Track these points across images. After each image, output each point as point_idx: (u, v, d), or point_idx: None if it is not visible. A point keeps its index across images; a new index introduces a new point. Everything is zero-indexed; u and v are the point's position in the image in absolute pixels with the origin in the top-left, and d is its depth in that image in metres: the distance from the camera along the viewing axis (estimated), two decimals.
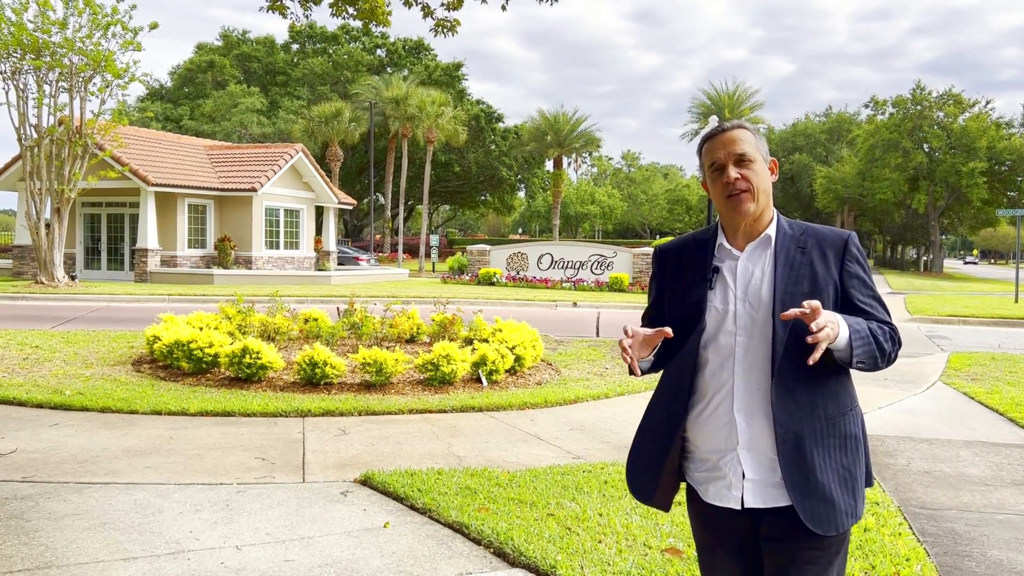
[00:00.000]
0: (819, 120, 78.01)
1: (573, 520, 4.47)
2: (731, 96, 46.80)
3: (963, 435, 6.90)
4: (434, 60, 57.67)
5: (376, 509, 4.69)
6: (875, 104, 60.44)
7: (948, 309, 20.90)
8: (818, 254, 2.17)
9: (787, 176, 74.61)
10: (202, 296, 20.01)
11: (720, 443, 2.16)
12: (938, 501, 5.05)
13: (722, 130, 2.23)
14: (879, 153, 56.35)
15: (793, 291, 2.11)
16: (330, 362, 8.15)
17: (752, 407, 2.12)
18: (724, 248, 2.22)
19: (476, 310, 12.05)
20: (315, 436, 6.39)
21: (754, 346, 2.13)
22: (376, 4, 8.13)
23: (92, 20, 20.48)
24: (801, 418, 2.09)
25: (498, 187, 61.10)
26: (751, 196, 2.16)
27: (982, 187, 51.79)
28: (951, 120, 54.82)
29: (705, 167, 2.25)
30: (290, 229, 29.95)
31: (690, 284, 2.24)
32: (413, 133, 41.39)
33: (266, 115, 50.98)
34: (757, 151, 2.20)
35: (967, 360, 11.31)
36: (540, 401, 7.88)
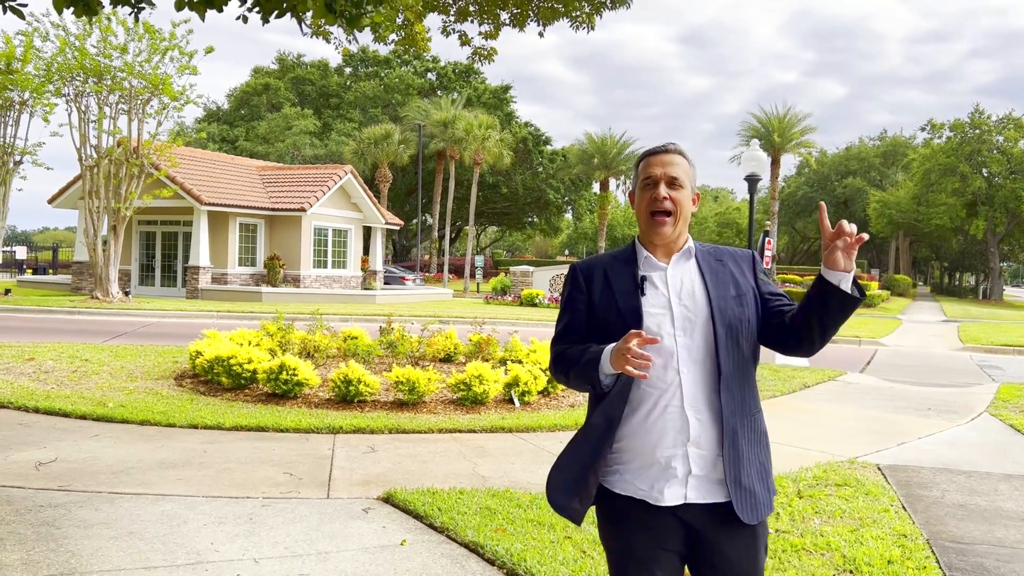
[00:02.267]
0: (873, 144, 76.74)
1: (590, 544, 4.45)
2: (781, 120, 46.26)
3: (1004, 468, 6.70)
4: (483, 83, 58.27)
5: (395, 527, 4.74)
6: (932, 127, 59.20)
7: (1003, 339, 20.30)
8: (734, 265, 2.38)
9: (840, 201, 73.40)
10: (250, 313, 20.42)
11: (671, 441, 2.20)
12: (970, 535, 4.90)
13: (664, 150, 2.36)
14: (935, 178, 55.16)
15: (723, 295, 2.29)
16: (364, 380, 8.25)
17: (699, 404, 2.21)
18: (650, 260, 2.34)
19: (513, 331, 12.10)
20: (344, 453, 6.47)
21: (696, 345, 2.23)
22: (415, 32, 8.30)
23: (151, 45, 21.21)
24: (737, 414, 2.24)
25: (545, 209, 61.28)
26: (673, 219, 2.30)
27: None
28: (1011, 144, 53.43)
29: (639, 180, 2.38)
30: (338, 249, 30.44)
31: (622, 295, 2.30)
32: (460, 155, 41.84)
33: (318, 137, 52.02)
34: (687, 179, 2.34)
35: (1018, 391, 10.97)
36: (571, 423, 7.85)
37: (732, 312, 2.27)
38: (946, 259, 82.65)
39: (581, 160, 51.69)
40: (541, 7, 7.76)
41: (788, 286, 38.81)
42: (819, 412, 8.96)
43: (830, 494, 5.64)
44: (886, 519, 5.09)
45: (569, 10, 7.85)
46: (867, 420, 8.79)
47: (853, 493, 5.68)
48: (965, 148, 54.26)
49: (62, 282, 30.07)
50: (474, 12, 7.92)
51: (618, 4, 8.04)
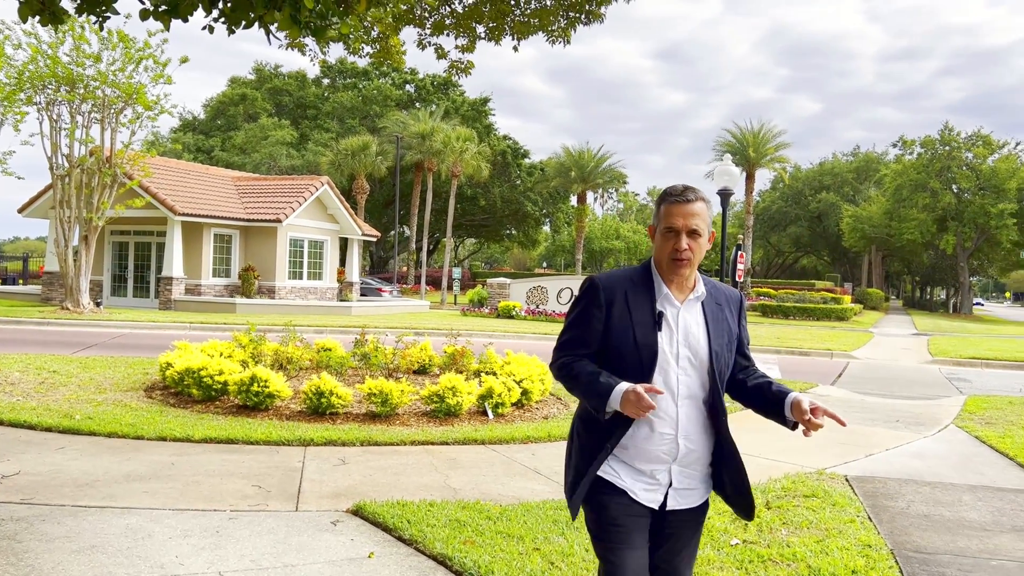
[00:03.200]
0: (847, 159, 77.78)
1: (558, 555, 4.46)
2: (756, 135, 46.78)
3: (968, 479, 6.79)
4: (461, 95, 58.40)
5: (364, 539, 4.72)
6: (903, 144, 60.17)
7: (971, 352, 20.60)
8: (728, 310, 2.71)
9: (814, 215, 74.24)
10: (223, 325, 20.25)
11: (659, 460, 2.59)
12: (933, 545, 4.97)
13: (686, 200, 2.59)
14: (907, 193, 55.98)
15: (721, 342, 2.63)
16: (336, 392, 8.21)
17: (691, 432, 2.59)
18: (668, 298, 2.61)
19: (488, 343, 12.10)
20: (314, 465, 6.43)
21: (694, 383, 2.59)
22: (391, 45, 8.32)
23: (125, 54, 21.07)
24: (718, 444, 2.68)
25: (523, 221, 61.40)
26: (691, 264, 2.59)
27: (1012, 228, 51.17)
28: (980, 161, 54.38)
29: (660, 224, 2.62)
30: (314, 260, 30.31)
31: (641, 325, 2.57)
32: (438, 167, 41.87)
33: (295, 148, 51.83)
34: (706, 226, 2.59)
35: (984, 403, 11.14)
36: (544, 435, 7.87)
37: (724, 358, 2.64)
38: (917, 273, 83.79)
39: (559, 173, 51.94)
40: (516, 21, 7.81)
41: (763, 299, 39.15)
42: None
43: (798, 505, 5.69)
44: (852, 529, 5.15)
45: (544, 24, 7.91)
46: (836, 432, 8.87)
47: (820, 504, 5.73)
48: (935, 164, 55.15)
49: (32, 292, 29.66)
50: (450, 26, 7.97)
51: (593, 19, 8.11)
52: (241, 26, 3.60)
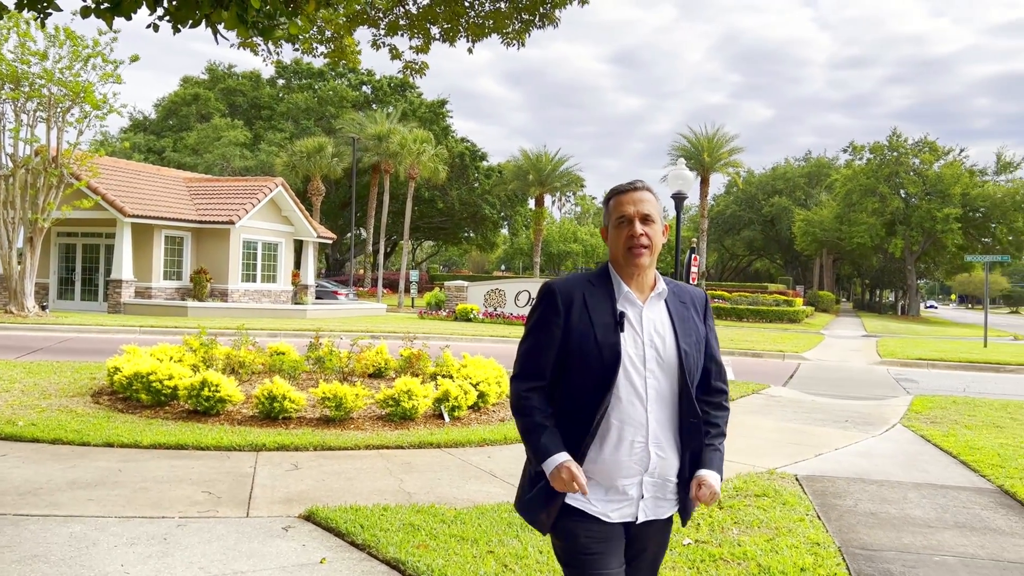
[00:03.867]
0: (799, 164, 79.18)
1: (512, 558, 4.46)
2: (710, 140, 47.39)
3: (914, 477, 6.95)
4: (419, 97, 58.19)
5: (316, 545, 4.66)
6: (853, 149, 61.53)
7: (918, 352, 21.11)
8: (693, 309, 2.59)
9: (767, 219, 75.44)
10: (174, 328, 19.88)
11: (630, 471, 2.43)
12: (879, 542, 5.07)
13: (633, 188, 2.52)
14: (856, 198, 57.23)
15: (689, 341, 2.50)
16: (289, 396, 8.11)
17: (662, 440, 2.45)
18: (629, 296, 2.48)
19: (445, 345, 12.06)
20: (266, 471, 6.35)
21: (663, 387, 2.45)
22: (345, 45, 8.25)
23: (73, 52, 20.57)
24: (692, 447, 2.53)
25: (481, 224, 61.38)
26: (649, 251, 2.47)
27: (957, 233, 52.61)
28: (926, 167, 55.84)
29: (611, 217, 2.53)
30: (268, 263, 29.92)
31: (601, 326, 2.43)
32: (395, 169, 41.66)
33: (249, 148, 51.15)
34: (658, 215, 2.51)
35: (929, 403, 11.42)
36: (500, 438, 7.86)
37: (693, 358, 2.49)
38: (867, 276, 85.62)
39: (516, 176, 52.04)
40: (471, 23, 7.81)
41: (717, 301, 39.65)
42: (742, 425, 9.15)
43: (749, 504, 5.76)
44: (801, 528, 5.23)
45: (499, 27, 7.92)
46: (788, 432, 9.03)
47: (771, 503, 5.82)
48: (884, 170, 56.50)
49: None
50: (404, 26, 7.93)
51: (548, 22, 8.14)
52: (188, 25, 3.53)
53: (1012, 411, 10.87)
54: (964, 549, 5.01)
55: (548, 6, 7.58)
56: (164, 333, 19.16)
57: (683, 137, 49.22)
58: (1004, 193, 52.94)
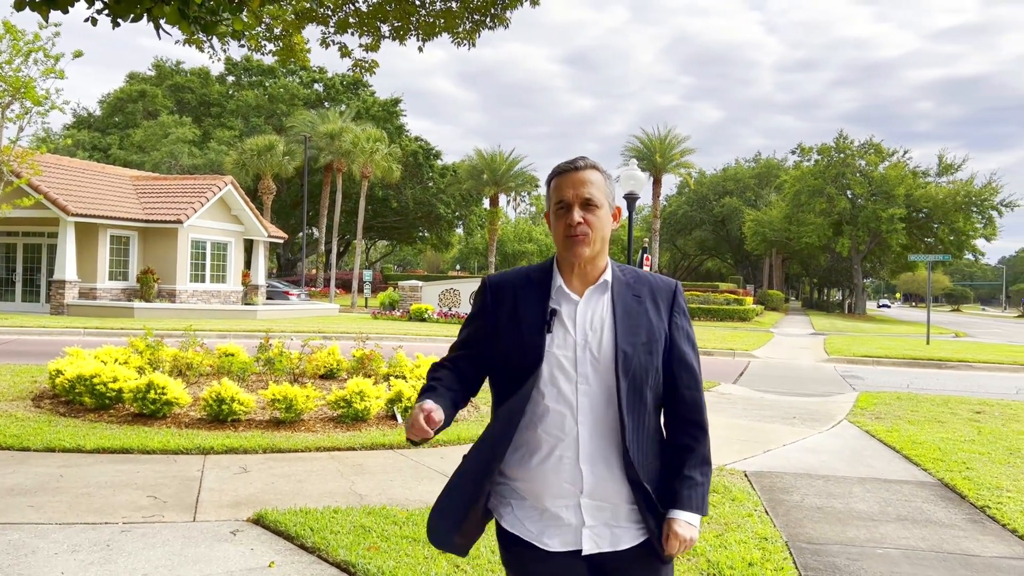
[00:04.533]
0: (749, 165, 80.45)
1: (464, 558, 4.44)
2: (662, 141, 47.92)
3: (859, 472, 7.11)
4: (372, 96, 57.80)
5: (264, 549, 4.59)
6: (801, 151, 62.71)
7: (864, 350, 21.60)
8: (651, 303, 2.19)
9: (718, 219, 76.52)
10: (120, 330, 19.44)
11: (563, 492, 2.10)
12: (825, 536, 5.18)
13: (574, 168, 2.17)
14: (805, 198, 58.34)
15: (633, 341, 2.12)
16: (238, 398, 7.98)
17: (596, 457, 2.09)
18: (563, 291, 2.17)
19: (397, 346, 11.99)
20: (214, 474, 6.23)
21: (596, 394, 2.09)
22: (294, 42, 8.15)
23: (12, 46, 19.96)
24: (654, 464, 2.17)
25: (436, 224, 61.18)
26: (589, 240, 2.13)
27: (901, 233, 53.94)
28: (872, 168, 57.16)
29: (552, 202, 2.19)
30: (217, 262, 29.42)
31: (527, 325, 2.14)
32: (348, 168, 41.30)
33: (198, 146, 50.26)
34: (604, 196, 2.17)
35: (874, 399, 11.68)
36: (453, 438, 7.84)
37: (639, 361, 2.11)
38: (815, 275, 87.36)
39: (471, 175, 52.03)
40: (422, 21, 7.77)
41: None
42: None
43: None
44: (750, 523, 5.31)
45: (450, 26, 7.89)
46: (737, 429, 9.16)
47: (720, 499, 5.89)
48: (831, 171, 57.69)
49: None
50: (354, 24, 7.85)
51: (499, 23, 8.15)
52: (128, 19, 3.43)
53: (952, 406, 11.18)
54: (906, 541, 5.13)
55: (499, 7, 7.58)
56: (109, 335, 18.72)
57: (636, 138, 49.70)
58: (946, 194, 54.43)
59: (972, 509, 5.97)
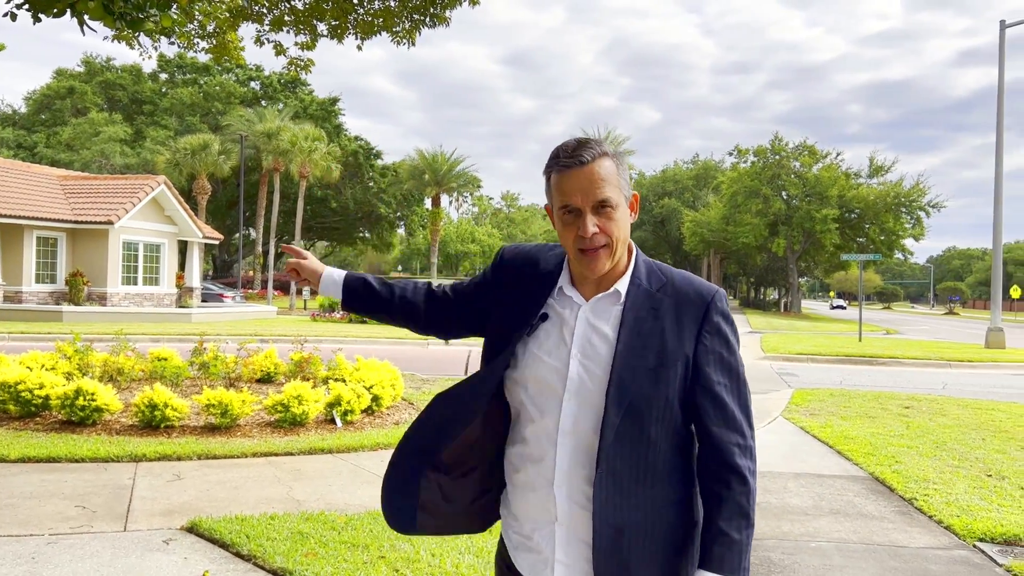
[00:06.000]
0: (687, 167, 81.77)
1: (404, 562, 4.41)
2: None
3: (794, 467, 7.27)
4: (310, 94, 57.04)
5: (198, 557, 4.48)
6: (738, 152, 63.99)
7: (799, 347, 22.12)
8: (672, 319, 1.80)
9: (658, 220, 77.59)
10: (47, 334, 18.77)
11: (536, 514, 1.84)
12: (761, 531, 5.27)
13: (580, 163, 1.74)
14: (741, 199, 59.53)
15: (635, 365, 1.75)
16: (171, 404, 7.77)
17: (572, 486, 1.78)
18: (564, 291, 1.86)
19: (337, 348, 11.83)
20: (146, 482, 6.06)
21: (583, 418, 1.77)
22: (228, 40, 7.98)
23: None
24: (626, 509, 1.75)
25: (376, 224, 60.66)
26: (609, 251, 1.78)
27: (834, 233, 55.44)
28: (806, 170, 58.62)
29: (555, 202, 1.81)
30: (149, 264, 28.66)
31: (517, 322, 1.86)
32: (286, 168, 40.65)
33: (129, 145, 48.94)
34: (620, 191, 1.78)
35: (809, 396, 11.97)
36: (394, 441, 7.75)
37: (640, 389, 1.73)
38: (752, 275, 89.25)
39: (412, 176, 51.71)
40: (360, 20, 7.68)
41: None
42: None
43: None
44: None
45: (388, 25, 7.82)
46: None
47: None
48: (767, 172, 59.00)
49: None
50: (290, 22, 7.72)
51: (438, 22, 8.10)
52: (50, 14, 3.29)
53: (883, 402, 11.52)
54: (838, 535, 5.26)
55: (438, 6, 7.54)
56: (35, 340, 18.06)
57: None
58: (876, 195, 56.13)
59: (901, 501, 6.16)
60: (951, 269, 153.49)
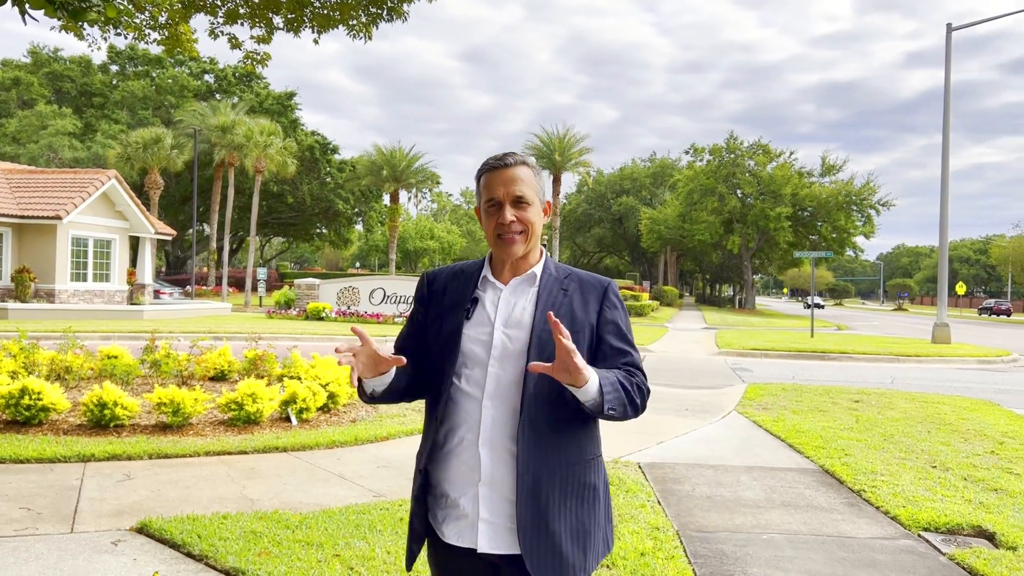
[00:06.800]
0: (644, 165, 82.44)
1: (359, 560, 4.38)
2: (561, 140, 48.49)
3: (746, 461, 7.38)
4: (266, 88, 56.26)
5: (148, 558, 4.40)
6: (694, 151, 64.76)
7: (753, 343, 22.46)
8: (579, 298, 2.18)
9: (616, 217, 78.12)
10: None
11: (462, 478, 2.08)
12: (714, 524, 5.35)
13: (504, 165, 2.15)
14: (697, 197, 60.25)
15: (550, 328, 1.98)
16: (121, 402, 7.62)
17: (495, 442, 2.04)
18: (488, 281, 2.20)
19: (292, 346, 11.72)
20: (95, 483, 5.93)
21: (506, 378, 2.07)
22: (180, 32, 7.83)
23: None
24: (543, 460, 2.04)
25: (334, 220, 60.10)
26: (524, 238, 2.15)
27: (787, 230, 56.37)
28: (760, 168, 59.52)
29: (482, 200, 2.19)
30: (100, 261, 28.02)
31: (451, 315, 2.17)
32: (241, 162, 40.03)
33: (79, 139, 47.79)
34: (535, 193, 2.17)
35: (762, 391, 12.16)
36: (350, 439, 7.71)
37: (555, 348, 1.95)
38: (708, 271, 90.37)
39: (370, 171, 51.27)
40: (316, 13, 7.59)
41: None
42: None
43: None
44: (643, 514, 5.43)
45: (345, 18, 7.74)
46: (632, 422, 9.35)
47: (615, 491, 6.01)
48: (722, 171, 59.78)
49: None
50: (245, 15, 7.59)
51: (395, 16, 8.05)
52: None
53: (834, 396, 11.76)
54: (789, 526, 5.36)
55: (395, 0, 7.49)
56: None
57: (536, 136, 50.07)
58: (828, 194, 57.18)
59: (850, 493, 6.29)
60: (900, 266, 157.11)
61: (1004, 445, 8.28)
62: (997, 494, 6.25)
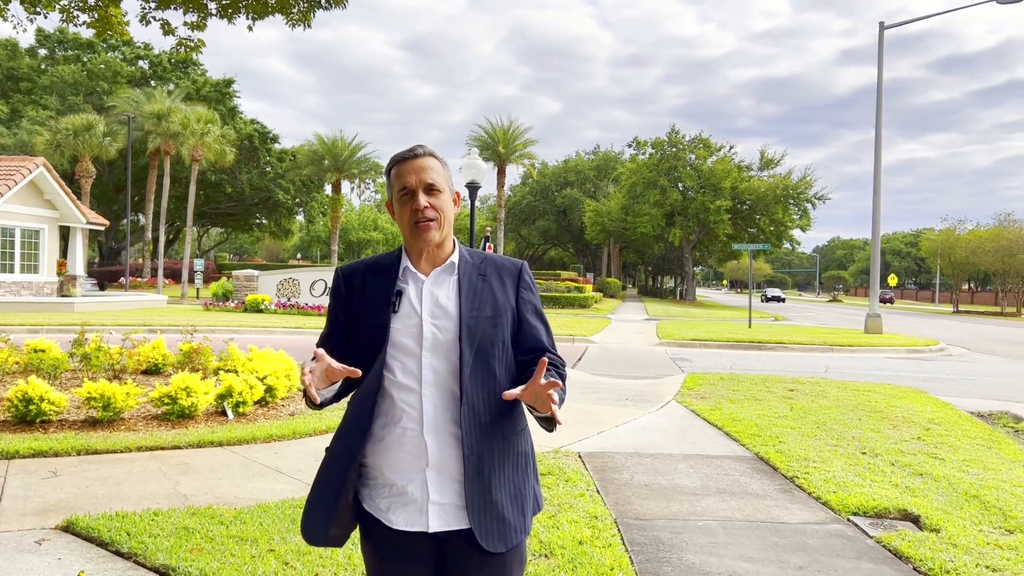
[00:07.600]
0: (588, 158, 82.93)
1: (294, 555, 4.32)
2: (505, 131, 48.46)
3: (684, 449, 7.50)
4: (203, 75, 54.88)
5: (74, 557, 4.27)
6: (637, 144, 65.36)
7: (692, 334, 22.82)
8: (497, 281, 2.29)
9: (560, 209, 78.48)
10: None
11: (408, 466, 2.15)
12: (651, 512, 5.42)
13: (414, 155, 2.25)
14: (640, 190, 60.88)
15: (477, 314, 2.20)
16: (48, 397, 7.38)
17: (440, 428, 2.14)
18: (410, 272, 2.25)
19: (229, 338, 11.49)
20: (19, 480, 5.73)
21: (441, 368, 2.16)
22: (111, 14, 7.57)
23: None
24: (485, 439, 2.16)
25: (274, 210, 59.00)
26: (438, 224, 2.22)
27: (727, 223, 57.36)
28: (701, 162, 60.40)
29: (394, 190, 2.26)
30: (27, 251, 27.05)
31: (375, 309, 2.22)
32: (177, 151, 39.03)
33: (5, 125, 46.01)
34: (445, 181, 2.26)
35: (700, 380, 12.36)
36: (288, 433, 7.60)
37: (484, 333, 2.19)
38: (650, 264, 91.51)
39: (312, 161, 50.56)
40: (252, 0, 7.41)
41: None
42: None
43: None
44: (582, 503, 5.47)
45: (283, 6, 7.58)
46: (574, 412, 9.42)
47: (555, 481, 6.04)
48: (664, 164, 60.52)
49: None
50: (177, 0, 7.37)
51: (334, 4, 7.91)
52: None
53: (769, 385, 12.01)
54: (724, 513, 5.46)
55: None
56: None
57: (480, 127, 49.97)
58: (767, 187, 58.33)
59: (783, 480, 6.44)
60: (835, 258, 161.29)
61: (930, 431, 8.57)
62: (922, 478, 6.47)
